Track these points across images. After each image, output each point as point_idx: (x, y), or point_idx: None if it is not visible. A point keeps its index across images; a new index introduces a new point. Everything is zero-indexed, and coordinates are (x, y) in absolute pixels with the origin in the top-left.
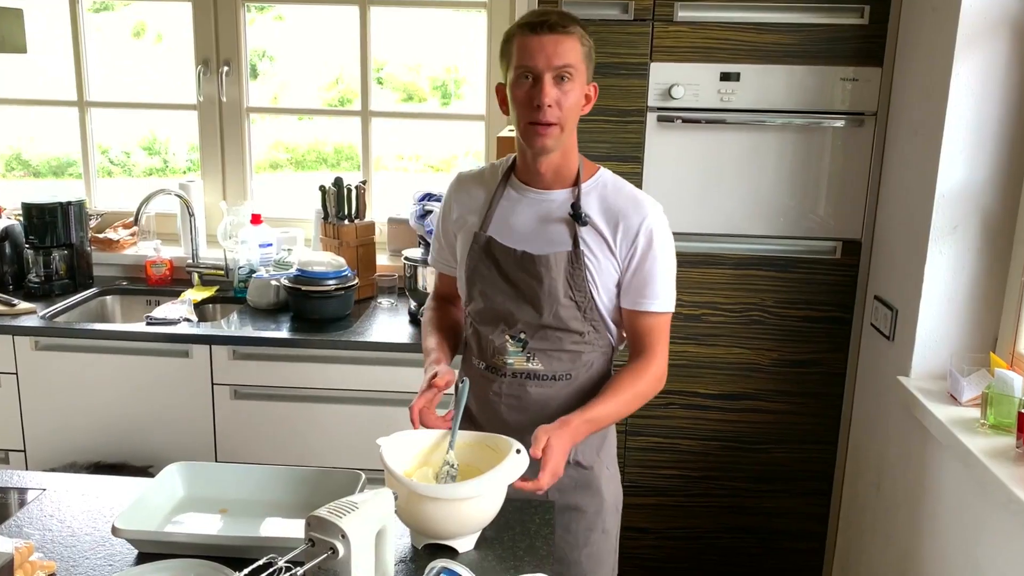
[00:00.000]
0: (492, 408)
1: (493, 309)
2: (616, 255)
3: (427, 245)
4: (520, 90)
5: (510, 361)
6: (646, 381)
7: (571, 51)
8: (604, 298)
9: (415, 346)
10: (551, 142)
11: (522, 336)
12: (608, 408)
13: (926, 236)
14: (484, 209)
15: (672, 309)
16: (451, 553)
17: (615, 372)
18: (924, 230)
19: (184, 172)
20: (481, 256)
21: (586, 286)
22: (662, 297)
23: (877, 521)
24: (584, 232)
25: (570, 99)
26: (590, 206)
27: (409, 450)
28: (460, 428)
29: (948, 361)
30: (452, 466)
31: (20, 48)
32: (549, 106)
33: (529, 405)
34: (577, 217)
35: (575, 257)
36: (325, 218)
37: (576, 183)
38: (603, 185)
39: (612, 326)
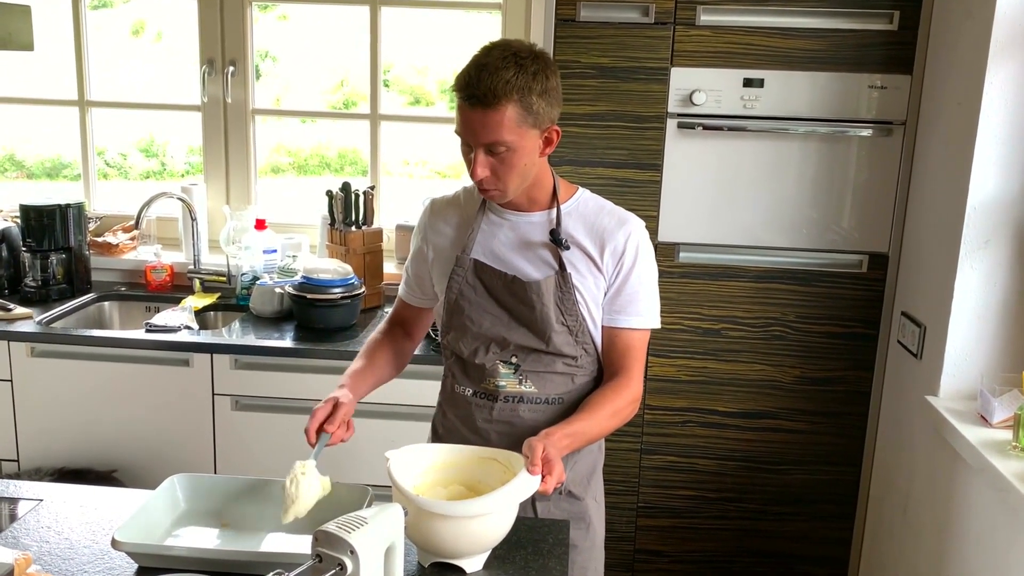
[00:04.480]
0: (483, 437)
1: (483, 334)
2: (604, 273)
3: None
4: (462, 151)
5: (502, 384)
6: (624, 400)
7: (500, 126)
8: (595, 319)
9: (424, 357)
10: (498, 199)
11: (513, 360)
12: (587, 424)
13: (956, 250)
14: (464, 233)
15: (656, 325)
16: (459, 573)
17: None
18: (955, 244)
19: (183, 175)
20: (466, 281)
21: (577, 309)
22: (645, 314)
23: (903, 547)
24: (569, 254)
25: (508, 164)
26: (574, 226)
27: (418, 465)
28: (462, 444)
29: (978, 381)
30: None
31: (27, 46)
32: (483, 178)
33: (522, 432)
34: (558, 243)
35: (562, 280)
36: (332, 224)
37: (553, 203)
38: (585, 204)
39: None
